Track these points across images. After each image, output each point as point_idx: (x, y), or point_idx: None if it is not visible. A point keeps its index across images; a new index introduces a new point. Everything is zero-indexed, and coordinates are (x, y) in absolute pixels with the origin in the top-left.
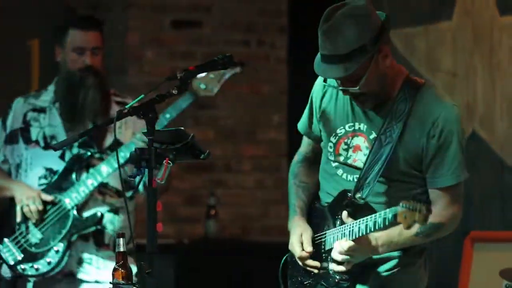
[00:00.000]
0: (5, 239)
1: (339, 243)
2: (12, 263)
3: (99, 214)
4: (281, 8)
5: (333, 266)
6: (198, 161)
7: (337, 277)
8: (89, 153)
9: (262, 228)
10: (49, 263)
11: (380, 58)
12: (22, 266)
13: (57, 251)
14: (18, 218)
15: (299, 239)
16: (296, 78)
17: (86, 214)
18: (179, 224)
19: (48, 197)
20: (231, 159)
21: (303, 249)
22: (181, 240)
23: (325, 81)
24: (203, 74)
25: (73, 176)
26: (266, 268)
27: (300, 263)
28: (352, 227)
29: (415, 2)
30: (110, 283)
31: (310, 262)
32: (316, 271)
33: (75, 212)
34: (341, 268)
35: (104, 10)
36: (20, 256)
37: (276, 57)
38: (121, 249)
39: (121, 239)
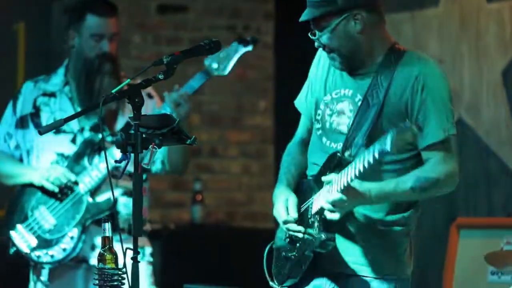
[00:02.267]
0: (18, 225)
1: (327, 193)
2: (27, 250)
3: (112, 198)
4: None
5: (326, 213)
6: (184, 146)
7: (323, 236)
8: (100, 136)
9: (247, 214)
10: (64, 249)
11: (353, 21)
12: (37, 253)
13: (71, 237)
14: (56, 189)
15: (284, 204)
16: (282, 64)
17: (100, 199)
18: (165, 209)
19: (70, 175)
20: (217, 144)
21: (288, 214)
22: (167, 226)
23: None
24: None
25: (85, 160)
26: (251, 254)
27: (284, 228)
28: (340, 178)
29: None
30: (96, 267)
31: (294, 226)
32: (300, 235)
33: (88, 197)
34: (334, 215)
35: None
36: (34, 243)
37: (262, 43)
38: (107, 234)
39: (107, 223)
